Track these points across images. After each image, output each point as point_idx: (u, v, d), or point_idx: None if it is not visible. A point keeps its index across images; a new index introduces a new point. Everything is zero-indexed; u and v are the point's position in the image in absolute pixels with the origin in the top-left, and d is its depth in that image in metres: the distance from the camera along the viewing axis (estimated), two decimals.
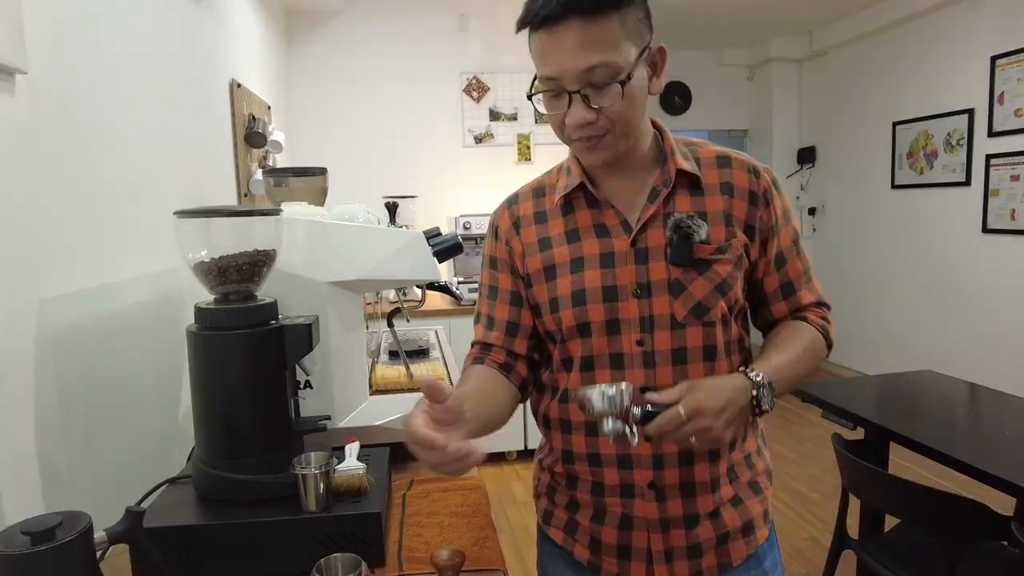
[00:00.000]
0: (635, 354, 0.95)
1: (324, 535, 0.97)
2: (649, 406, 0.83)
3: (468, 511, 1.14)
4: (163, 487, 1.09)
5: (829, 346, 1.03)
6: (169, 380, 1.45)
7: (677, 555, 0.98)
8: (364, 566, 0.83)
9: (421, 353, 1.72)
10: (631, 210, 0.98)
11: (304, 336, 1.04)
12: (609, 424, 0.81)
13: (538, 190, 1.07)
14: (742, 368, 0.93)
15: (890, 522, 2.08)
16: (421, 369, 1.47)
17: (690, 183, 0.98)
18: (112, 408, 1.24)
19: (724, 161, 1.00)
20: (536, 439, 3.64)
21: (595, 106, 0.88)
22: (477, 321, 1.10)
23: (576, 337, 0.98)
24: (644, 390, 0.90)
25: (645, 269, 0.95)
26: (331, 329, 1.24)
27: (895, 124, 4.54)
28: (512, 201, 1.09)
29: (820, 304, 1.06)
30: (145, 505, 1.03)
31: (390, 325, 1.50)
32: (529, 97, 0.95)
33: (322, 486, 0.98)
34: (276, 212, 1.08)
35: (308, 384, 1.26)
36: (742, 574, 1.01)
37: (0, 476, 0.94)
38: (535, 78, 0.92)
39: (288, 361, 1.05)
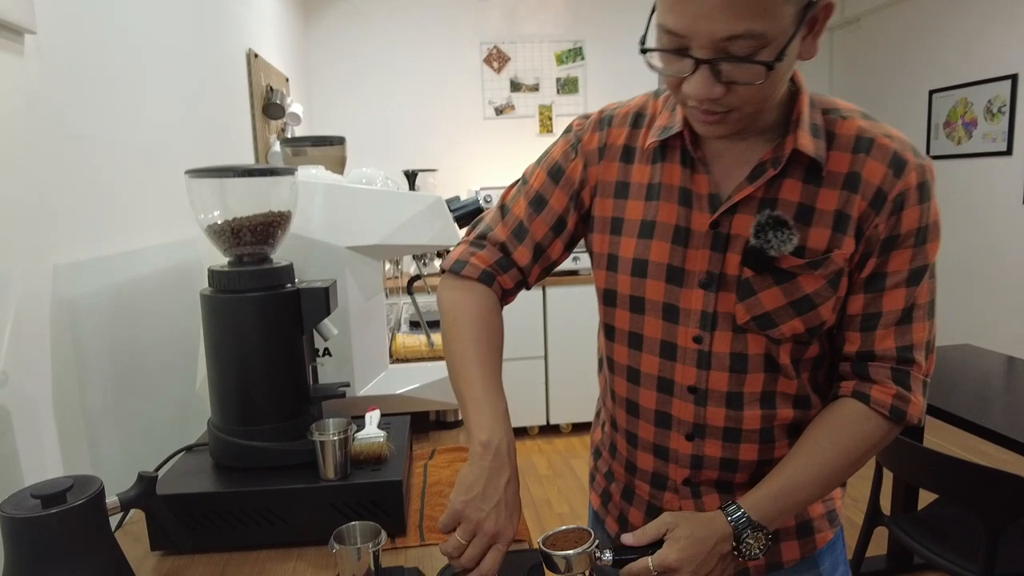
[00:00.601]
0: (690, 350, 0.84)
1: (343, 503, 0.94)
2: (616, 552, 0.78)
3: None
4: (180, 455, 1.07)
5: (905, 423, 0.81)
6: (186, 349, 1.43)
7: None
8: (383, 535, 0.80)
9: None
10: (727, 181, 0.81)
11: (321, 300, 1.01)
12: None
13: (637, 118, 0.88)
14: (724, 506, 0.80)
15: (923, 500, 2.02)
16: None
17: (809, 166, 0.78)
18: (130, 377, 1.22)
19: (864, 144, 0.77)
20: (558, 415, 3.64)
21: (726, 80, 0.69)
22: (502, 214, 0.94)
23: (628, 309, 0.87)
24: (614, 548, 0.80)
25: (720, 259, 0.81)
26: (350, 295, 1.20)
27: (931, 92, 4.37)
28: (606, 122, 0.90)
29: (905, 359, 0.80)
30: (162, 473, 1.01)
31: (410, 293, 1.46)
32: (642, 50, 0.72)
33: (341, 454, 0.95)
34: (290, 171, 1.04)
35: (327, 352, 1.23)
36: (793, 575, 0.92)
37: (18, 442, 0.92)
38: (651, 19, 0.71)
39: (305, 326, 1.01)
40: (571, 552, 0.76)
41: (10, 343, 0.91)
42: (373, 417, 1.13)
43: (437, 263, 3.52)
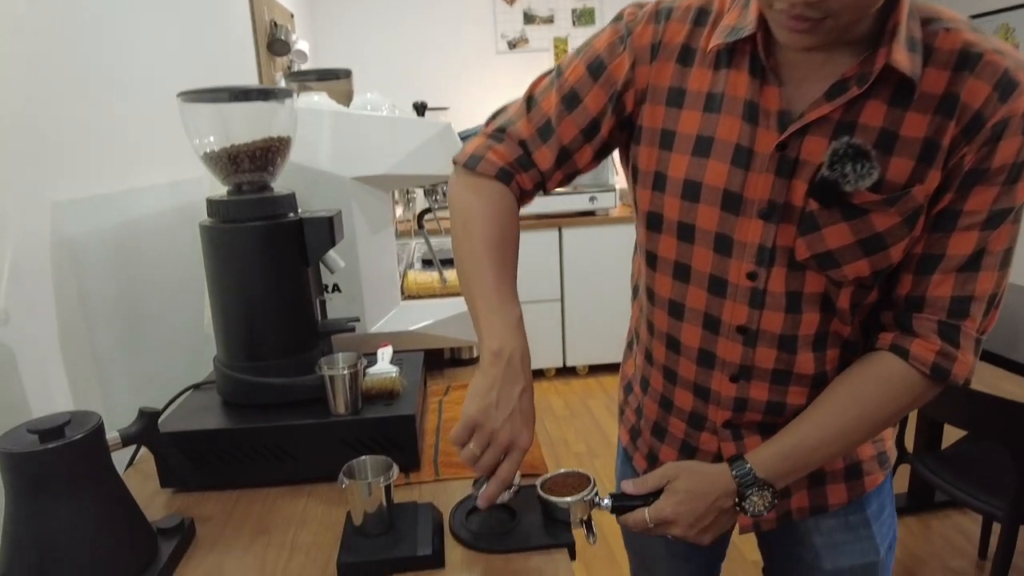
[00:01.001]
0: (742, 288, 0.75)
1: (354, 439, 0.91)
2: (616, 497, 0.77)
3: None
4: (188, 392, 1.04)
5: (948, 382, 0.72)
6: (196, 288, 1.39)
7: None
8: (395, 469, 0.77)
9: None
10: (800, 97, 0.70)
11: (325, 230, 0.96)
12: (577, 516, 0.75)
13: (700, 14, 0.75)
14: (732, 459, 0.77)
15: (947, 440, 1.98)
16: (455, 274, 1.39)
17: (899, 85, 0.66)
18: (138, 317, 1.19)
19: (968, 60, 0.64)
20: (574, 357, 3.62)
21: None
22: (528, 107, 0.84)
23: (675, 236, 0.78)
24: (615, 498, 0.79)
25: (785, 186, 0.70)
26: (357, 228, 1.15)
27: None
28: (664, 15, 0.77)
29: (958, 311, 0.70)
30: (169, 411, 0.98)
31: (420, 227, 1.41)
32: None
33: (351, 388, 0.91)
34: (288, 93, 0.97)
35: (336, 288, 1.19)
36: (837, 517, 0.88)
37: (25, 381, 0.90)
38: None
39: (309, 257, 0.97)
40: (570, 499, 0.73)
41: (9, 281, 0.88)
42: (385, 353, 1.09)
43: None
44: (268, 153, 0.96)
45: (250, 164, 0.96)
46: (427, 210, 1.45)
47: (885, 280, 0.75)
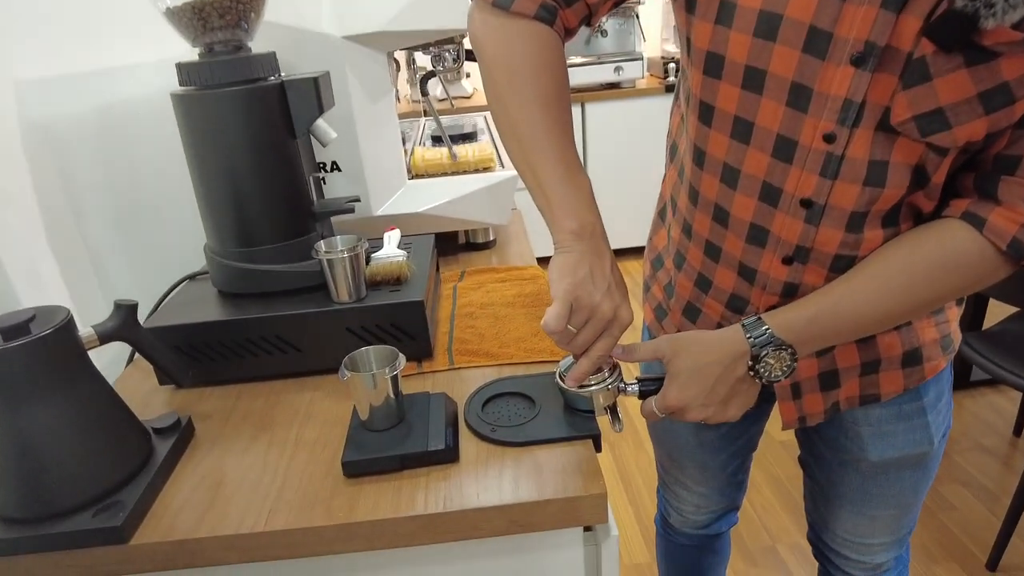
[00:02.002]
0: (815, 152, 0.61)
1: (360, 327, 0.83)
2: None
3: (526, 301, 0.98)
4: (183, 284, 0.97)
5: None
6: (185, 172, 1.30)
7: (805, 387, 0.77)
8: (402, 359, 0.69)
9: (468, 137, 1.51)
10: None
11: (310, 94, 0.83)
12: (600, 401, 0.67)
13: None
14: (746, 320, 0.66)
15: (991, 319, 1.88)
16: (467, 150, 1.26)
17: None
18: (131, 205, 1.11)
19: None
20: None
21: None
22: None
23: (739, 84, 0.63)
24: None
25: (891, 22, 0.54)
26: (352, 95, 1.02)
27: None
28: None
29: None
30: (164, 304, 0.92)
31: (424, 93, 1.26)
32: None
33: (353, 273, 0.82)
34: None
35: (335, 166, 1.07)
36: (890, 407, 0.79)
37: (13, 278, 0.83)
38: None
39: (296, 127, 0.85)
40: (593, 386, 0.65)
41: None
42: (392, 237, 1.00)
43: (466, 87, 3.23)
44: (240, 5, 0.82)
45: (220, 20, 0.82)
46: (431, 73, 1.30)
47: None
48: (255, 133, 0.82)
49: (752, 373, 0.66)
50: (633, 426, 2.20)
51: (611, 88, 3.14)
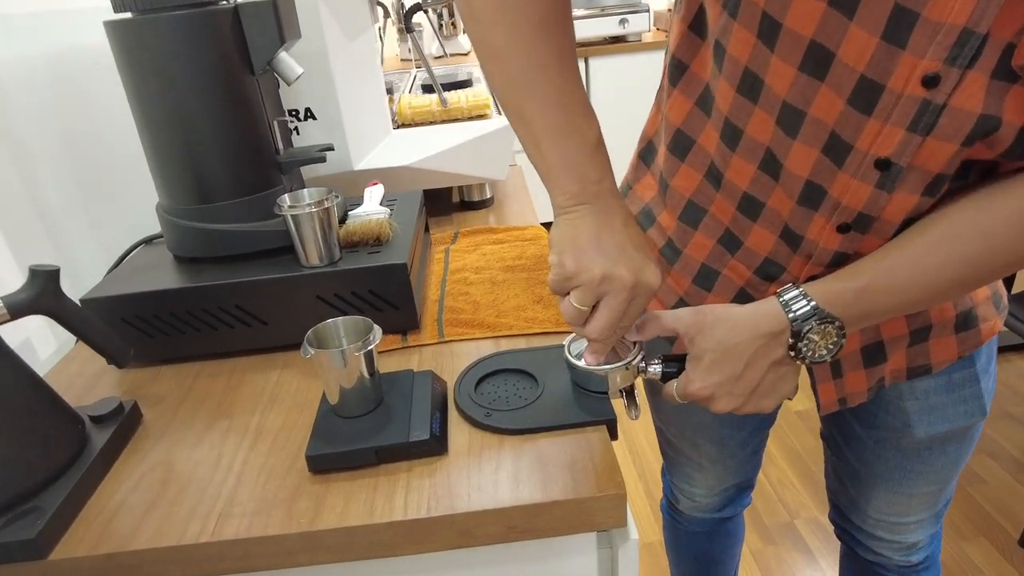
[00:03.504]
0: (908, 99, 0.47)
1: (333, 295, 0.72)
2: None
3: (527, 264, 0.87)
4: (138, 249, 0.86)
5: None
6: None
7: (847, 364, 0.66)
8: (376, 331, 0.58)
9: (462, 85, 1.37)
10: None
11: (269, 20, 0.70)
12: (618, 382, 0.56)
13: None
14: (785, 291, 0.54)
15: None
16: (460, 96, 1.13)
17: None
18: (92, 167, 0.98)
19: None
20: None
21: None
22: None
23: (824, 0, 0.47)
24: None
25: None
26: (326, 29, 0.89)
27: None
28: None
29: None
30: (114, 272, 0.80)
31: (408, 30, 1.13)
32: None
33: (322, 232, 0.71)
34: None
35: (309, 113, 0.95)
36: (938, 376, 0.68)
37: None
38: None
39: (254, 62, 0.72)
40: (608, 365, 0.54)
41: None
42: (374, 193, 0.88)
43: (463, 43, 3.06)
44: None
45: None
46: (416, 7, 1.16)
47: None
48: (205, 67, 0.69)
49: (792, 353, 0.54)
50: (640, 392, 2.10)
51: (616, 42, 2.97)
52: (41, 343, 0.83)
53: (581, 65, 2.98)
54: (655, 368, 0.57)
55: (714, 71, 0.58)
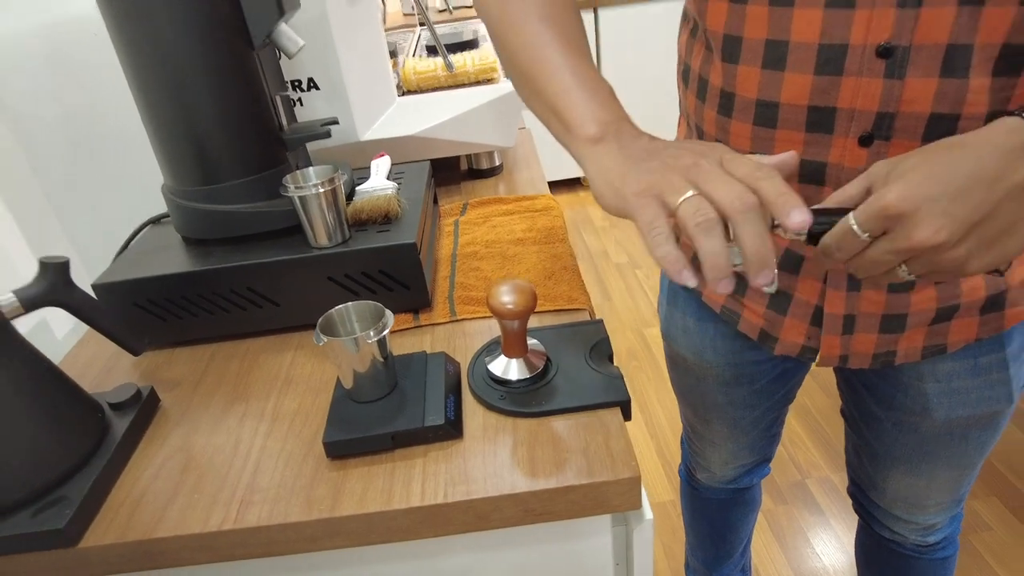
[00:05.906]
0: None
1: (343, 276, 0.71)
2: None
3: (539, 237, 0.86)
4: (145, 230, 0.85)
5: None
6: None
7: (862, 324, 0.64)
8: (388, 316, 0.58)
9: (468, 45, 1.33)
10: None
11: None
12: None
13: None
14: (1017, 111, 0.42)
15: None
16: (466, 59, 1.10)
17: None
18: (94, 143, 0.97)
19: None
20: None
21: None
22: None
23: None
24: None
25: None
26: None
27: None
28: None
29: None
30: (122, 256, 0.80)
31: None
32: None
33: (330, 211, 0.70)
34: None
35: (312, 84, 0.93)
36: (962, 359, 0.66)
37: None
38: None
39: (253, 34, 0.70)
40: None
41: None
42: (380, 166, 0.86)
43: None
44: None
45: None
46: None
47: None
48: (203, 41, 0.67)
49: None
50: (650, 351, 2.11)
51: None
52: (57, 325, 0.84)
53: (590, 17, 2.90)
54: (799, 218, 0.40)
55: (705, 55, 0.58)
